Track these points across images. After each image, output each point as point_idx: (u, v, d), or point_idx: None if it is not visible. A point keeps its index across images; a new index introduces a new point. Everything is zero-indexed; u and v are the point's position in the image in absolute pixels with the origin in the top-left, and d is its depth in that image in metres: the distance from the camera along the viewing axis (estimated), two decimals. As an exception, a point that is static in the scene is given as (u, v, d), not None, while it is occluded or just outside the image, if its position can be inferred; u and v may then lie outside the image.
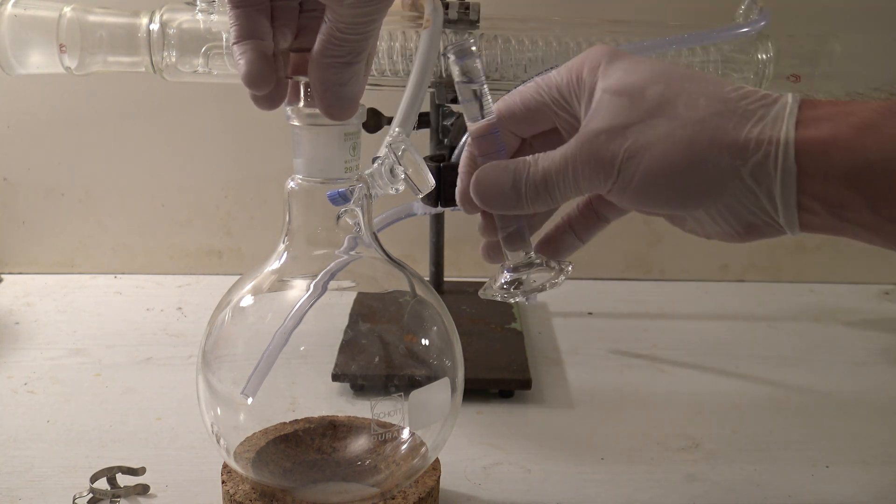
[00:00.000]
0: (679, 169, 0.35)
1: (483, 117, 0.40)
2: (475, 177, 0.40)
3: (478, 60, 0.40)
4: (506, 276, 0.41)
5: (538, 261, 0.41)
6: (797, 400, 0.65)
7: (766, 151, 0.34)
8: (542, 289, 0.40)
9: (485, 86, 0.40)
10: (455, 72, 0.40)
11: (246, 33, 0.39)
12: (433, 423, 0.46)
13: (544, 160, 0.38)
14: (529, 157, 0.39)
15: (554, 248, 0.43)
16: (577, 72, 0.39)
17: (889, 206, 0.34)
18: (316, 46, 0.38)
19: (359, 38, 0.38)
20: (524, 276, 0.41)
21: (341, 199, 0.43)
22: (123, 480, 0.51)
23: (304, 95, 0.42)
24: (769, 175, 0.34)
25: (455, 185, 0.60)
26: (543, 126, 0.41)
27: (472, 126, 0.40)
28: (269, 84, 0.39)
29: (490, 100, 0.40)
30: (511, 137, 0.41)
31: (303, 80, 0.41)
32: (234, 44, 0.39)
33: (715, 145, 0.35)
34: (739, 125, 0.35)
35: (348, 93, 0.39)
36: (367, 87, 0.64)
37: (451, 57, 0.40)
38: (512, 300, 0.41)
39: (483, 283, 0.43)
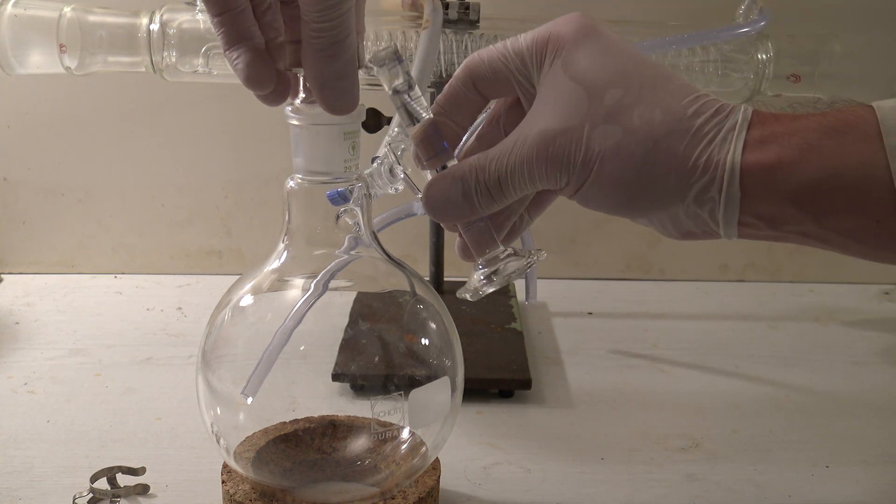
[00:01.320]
0: (628, 184, 0.36)
1: (417, 121, 0.39)
2: (425, 192, 0.39)
3: (401, 65, 0.39)
4: (481, 271, 0.40)
5: (509, 251, 0.41)
6: (797, 400, 0.65)
7: (711, 177, 0.35)
8: (515, 277, 0.40)
9: (416, 88, 0.39)
10: (384, 79, 0.39)
11: (235, 37, 0.39)
12: (433, 423, 0.46)
13: (495, 161, 0.38)
14: (476, 160, 0.38)
15: (510, 234, 0.43)
16: (541, 45, 0.38)
17: (834, 219, 0.35)
18: (302, 45, 0.38)
19: (332, 24, 0.37)
20: (498, 267, 0.40)
21: (340, 198, 0.43)
22: (123, 480, 0.51)
23: (304, 88, 0.41)
24: (713, 199, 0.35)
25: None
26: (506, 91, 0.40)
27: (411, 131, 0.40)
28: (270, 82, 0.39)
29: (423, 101, 0.40)
30: (475, 97, 0.40)
31: (301, 71, 0.41)
32: (225, 51, 0.39)
33: (664, 167, 0.35)
34: (690, 147, 0.35)
35: (344, 86, 0.39)
36: (366, 87, 0.64)
37: (381, 67, 0.39)
38: (489, 290, 0.40)
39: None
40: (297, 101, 0.42)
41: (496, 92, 0.40)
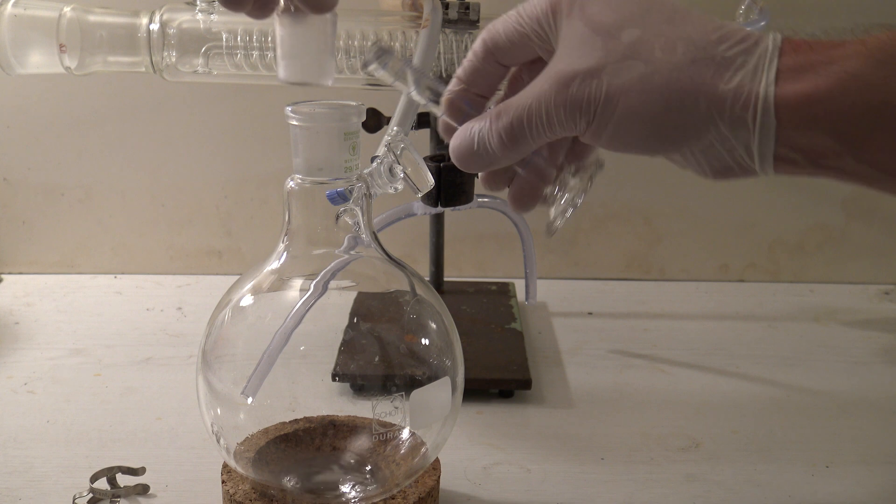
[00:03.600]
0: (654, 116, 0.35)
1: (437, 95, 0.40)
2: (451, 147, 0.39)
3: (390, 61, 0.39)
4: (555, 199, 0.40)
5: (569, 172, 0.40)
6: (797, 400, 0.65)
7: (744, 104, 0.34)
8: (585, 188, 0.39)
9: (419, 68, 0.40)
10: (388, 74, 0.39)
11: None
12: (434, 423, 0.46)
13: (512, 109, 0.37)
14: (494, 109, 0.38)
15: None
16: (555, 3, 0.38)
17: (873, 152, 0.33)
18: None
19: None
20: (567, 188, 0.40)
21: (340, 198, 0.43)
22: (123, 480, 0.51)
23: None
24: (747, 128, 0.34)
25: (455, 186, 0.61)
26: (528, 56, 0.40)
27: (435, 107, 0.41)
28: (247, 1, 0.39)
29: (433, 78, 0.40)
30: (496, 67, 0.40)
31: None
32: None
33: (692, 94, 0.34)
34: (718, 74, 0.34)
35: None
36: (367, 86, 0.64)
37: (381, 66, 0.39)
38: (571, 210, 0.40)
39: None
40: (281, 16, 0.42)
41: (516, 58, 0.40)
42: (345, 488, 0.46)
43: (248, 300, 0.46)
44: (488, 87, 0.41)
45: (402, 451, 0.46)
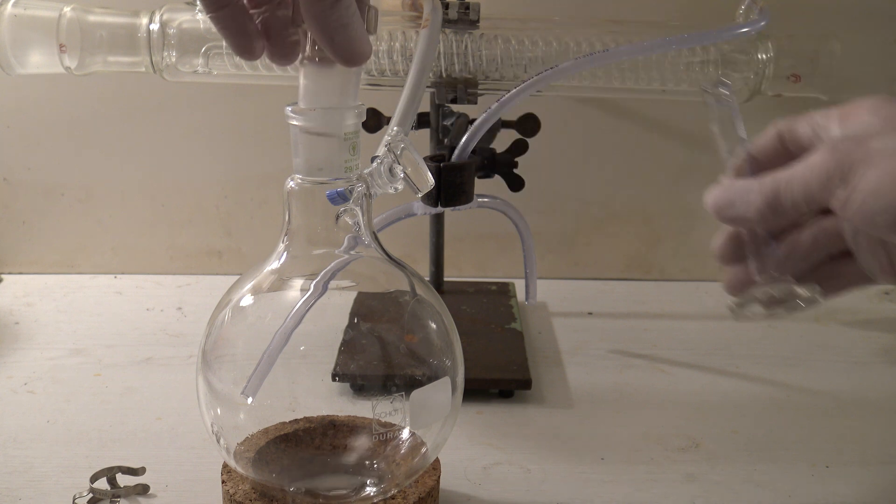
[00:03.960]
0: None
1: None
2: (711, 193, 0.41)
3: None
4: (765, 293, 0.42)
5: (789, 282, 0.42)
6: (797, 400, 0.65)
7: None
8: (800, 306, 0.41)
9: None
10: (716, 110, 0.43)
11: (217, 3, 0.38)
12: (434, 423, 0.46)
13: (780, 174, 0.39)
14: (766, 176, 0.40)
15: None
16: (846, 109, 0.39)
17: None
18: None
19: None
20: (783, 293, 0.42)
21: (340, 198, 0.43)
22: (123, 480, 0.51)
23: (311, 44, 0.41)
24: None
25: (455, 186, 0.61)
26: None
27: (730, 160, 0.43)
28: (257, 50, 0.39)
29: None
30: (783, 153, 0.42)
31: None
32: (208, 15, 0.39)
33: None
34: None
35: (354, 33, 0.38)
36: (367, 86, 0.64)
37: (713, 97, 0.42)
38: (758, 311, 0.42)
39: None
40: (305, 62, 0.41)
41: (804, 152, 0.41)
42: (344, 488, 0.46)
43: (248, 300, 0.46)
44: (774, 168, 0.41)
45: (402, 451, 0.46)
